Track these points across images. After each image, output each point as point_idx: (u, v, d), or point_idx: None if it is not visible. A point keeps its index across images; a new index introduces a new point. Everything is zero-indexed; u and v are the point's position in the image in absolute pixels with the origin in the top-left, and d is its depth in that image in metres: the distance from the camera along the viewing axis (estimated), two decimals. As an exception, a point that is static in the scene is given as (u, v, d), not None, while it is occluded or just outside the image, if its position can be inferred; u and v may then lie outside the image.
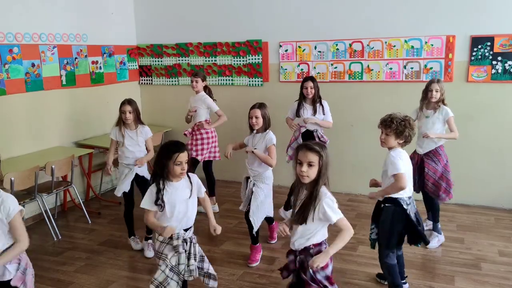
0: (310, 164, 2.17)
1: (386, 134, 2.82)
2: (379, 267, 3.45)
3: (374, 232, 3.01)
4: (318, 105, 4.25)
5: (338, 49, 5.02)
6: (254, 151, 3.42)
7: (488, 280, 3.29)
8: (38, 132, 4.66)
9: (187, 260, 2.53)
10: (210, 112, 4.61)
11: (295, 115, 4.31)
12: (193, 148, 4.55)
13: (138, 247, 3.86)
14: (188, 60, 5.77)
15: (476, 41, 4.48)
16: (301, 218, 2.20)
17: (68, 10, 4.90)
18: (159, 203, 2.47)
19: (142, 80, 6.10)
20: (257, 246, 3.67)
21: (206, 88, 4.66)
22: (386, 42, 4.81)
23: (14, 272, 2.19)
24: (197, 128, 4.56)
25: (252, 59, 5.43)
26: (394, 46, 4.79)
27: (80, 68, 5.11)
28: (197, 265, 2.58)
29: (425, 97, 3.80)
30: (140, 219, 4.12)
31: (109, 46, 5.52)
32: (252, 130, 3.55)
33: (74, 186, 4.55)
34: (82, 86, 5.15)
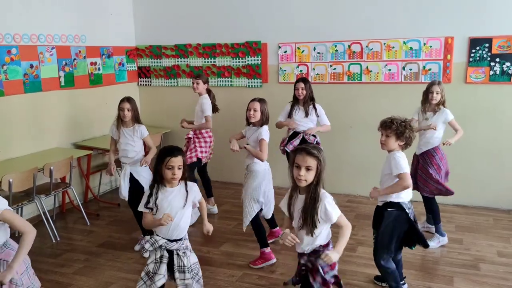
0: (308, 168, 2.17)
1: (387, 136, 2.80)
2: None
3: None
4: (311, 107, 4.24)
5: (337, 50, 5.03)
6: (246, 147, 3.43)
7: (487, 280, 3.29)
8: (37, 133, 4.65)
9: (175, 272, 2.48)
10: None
11: (287, 117, 4.33)
12: (197, 149, 4.49)
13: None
14: (187, 61, 5.76)
15: (474, 42, 4.49)
16: (309, 226, 2.20)
17: (67, 11, 4.90)
18: (149, 206, 2.48)
19: (141, 81, 6.10)
20: (266, 252, 3.56)
21: (210, 92, 4.59)
22: (385, 44, 4.82)
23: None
24: (198, 131, 4.52)
25: (251, 60, 5.43)
26: (393, 47, 4.80)
27: (78, 69, 5.10)
28: (181, 277, 2.49)
29: (425, 99, 3.81)
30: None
31: (108, 47, 5.52)
32: (248, 122, 3.53)
33: (73, 187, 4.54)
34: (81, 87, 5.15)
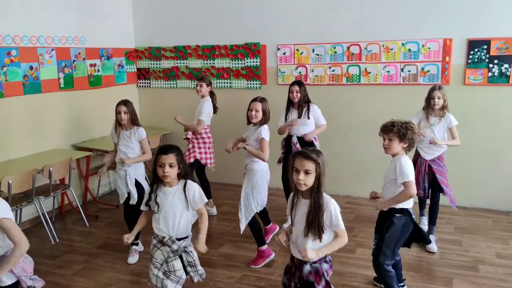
0: (307, 172, 2.15)
1: (389, 139, 2.78)
2: (378, 270, 3.47)
3: (377, 243, 2.94)
4: (305, 110, 4.19)
5: (336, 52, 5.04)
6: (246, 147, 3.43)
7: (486, 282, 3.29)
8: (36, 134, 4.65)
9: (186, 267, 2.54)
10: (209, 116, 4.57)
11: (284, 121, 4.28)
12: (195, 150, 4.51)
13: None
14: (186, 63, 5.77)
15: (472, 44, 4.51)
16: (316, 232, 2.17)
17: (66, 13, 4.90)
18: (150, 204, 2.51)
19: (140, 83, 6.10)
20: (263, 250, 3.61)
21: (213, 94, 4.61)
22: (383, 45, 4.83)
23: (8, 280, 2.16)
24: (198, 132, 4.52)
25: (250, 62, 5.44)
26: (392, 49, 4.81)
27: (78, 71, 5.10)
28: (189, 270, 2.57)
29: (428, 105, 3.80)
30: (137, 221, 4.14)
31: (107, 49, 5.52)
32: (249, 122, 3.54)
33: (72, 189, 4.54)
34: (80, 89, 5.15)
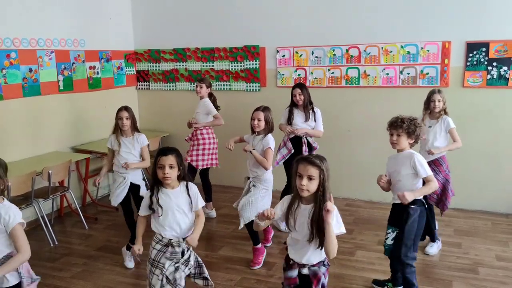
0: (310, 177, 2.13)
1: (398, 135, 2.83)
2: (377, 272, 3.47)
3: (391, 236, 2.93)
4: (311, 112, 4.20)
5: (335, 54, 5.05)
6: (252, 151, 3.45)
7: (486, 284, 3.29)
8: (35, 137, 4.64)
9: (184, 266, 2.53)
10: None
11: (287, 122, 4.27)
12: (193, 154, 4.52)
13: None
14: (185, 65, 5.78)
15: (471, 47, 4.52)
16: (314, 237, 2.15)
17: (66, 16, 4.91)
18: (153, 207, 2.50)
19: (140, 85, 6.11)
20: (259, 247, 3.65)
21: (212, 95, 4.62)
22: (382, 48, 4.84)
23: (13, 280, 2.18)
24: (195, 133, 4.55)
25: (249, 64, 5.45)
26: (391, 51, 4.82)
27: (77, 73, 5.11)
28: (193, 271, 2.58)
29: (427, 107, 3.81)
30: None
31: (106, 51, 5.53)
32: (253, 131, 3.57)
33: (71, 191, 4.53)
34: (80, 91, 5.15)
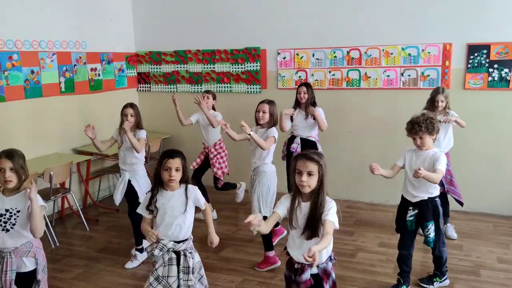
0: (309, 173, 2.15)
1: (420, 137, 2.96)
2: (378, 274, 3.47)
3: (432, 229, 3.03)
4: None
5: (335, 56, 5.05)
6: (251, 134, 3.38)
7: (487, 287, 3.29)
8: (37, 138, 4.65)
9: (179, 273, 2.49)
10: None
11: (290, 119, 4.41)
12: (221, 164, 4.55)
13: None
14: (186, 67, 5.79)
15: (472, 49, 4.52)
16: (311, 232, 2.16)
17: (67, 18, 4.93)
18: (150, 208, 2.51)
19: (141, 87, 6.11)
20: (269, 256, 3.59)
21: (214, 108, 4.63)
22: (383, 50, 4.85)
23: (30, 265, 2.42)
24: (219, 146, 4.57)
25: (250, 66, 5.46)
26: (392, 53, 4.83)
27: (79, 75, 5.12)
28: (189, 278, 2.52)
29: (431, 106, 3.90)
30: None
31: (108, 53, 5.54)
32: (257, 124, 3.58)
33: (72, 192, 4.54)
34: (81, 93, 5.16)
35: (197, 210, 2.66)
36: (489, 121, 4.57)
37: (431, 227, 3.03)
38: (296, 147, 4.34)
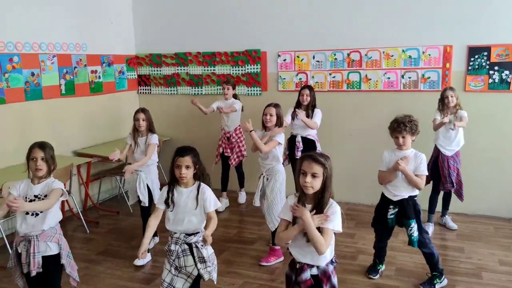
0: (314, 175, 2.13)
1: (403, 137, 3.08)
2: (380, 276, 3.45)
3: (415, 228, 3.10)
4: (310, 112, 4.53)
5: (336, 58, 5.05)
6: (251, 133, 3.49)
7: (489, 289, 3.29)
8: (37, 140, 4.62)
9: (197, 264, 2.53)
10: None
11: (290, 118, 4.59)
12: (240, 148, 4.93)
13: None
14: (187, 69, 5.79)
15: (473, 51, 4.52)
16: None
17: (68, 20, 4.93)
18: (168, 202, 2.55)
19: (141, 89, 6.11)
20: (276, 248, 3.73)
21: (236, 96, 5.02)
22: (383, 52, 4.85)
23: (55, 249, 2.62)
24: (239, 130, 4.95)
25: (250, 69, 5.46)
26: (392, 55, 4.83)
27: (79, 77, 5.12)
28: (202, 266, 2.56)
29: (443, 104, 4.11)
30: (137, 228, 4.13)
31: (108, 56, 5.54)
32: (264, 127, 3.67)
33: (72, 195, 4.53)
34: (81, 95, 5.16)
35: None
36: (490, 123, 4.56)
37: (414, 226, 3.10)
38: (299, 145, 4.58)
